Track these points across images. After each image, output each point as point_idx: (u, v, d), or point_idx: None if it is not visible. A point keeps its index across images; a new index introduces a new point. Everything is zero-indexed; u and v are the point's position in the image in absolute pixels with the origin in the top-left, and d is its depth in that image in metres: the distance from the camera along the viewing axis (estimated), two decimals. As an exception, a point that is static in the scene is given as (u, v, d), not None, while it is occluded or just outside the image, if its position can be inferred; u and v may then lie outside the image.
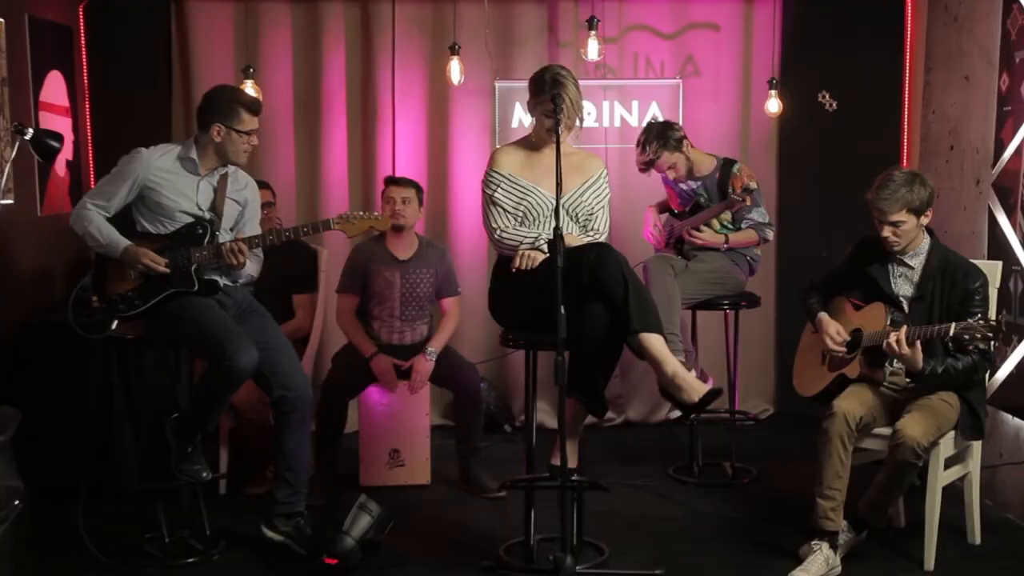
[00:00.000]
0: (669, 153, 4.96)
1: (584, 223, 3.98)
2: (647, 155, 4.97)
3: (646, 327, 3.60)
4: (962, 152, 5.03)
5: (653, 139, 4.95)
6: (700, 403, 3.54)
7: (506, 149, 4.07)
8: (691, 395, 3.55)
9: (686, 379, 3.57)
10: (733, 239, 4.97)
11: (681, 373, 3.58)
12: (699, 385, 3.57)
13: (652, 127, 5.02)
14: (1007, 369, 4.48)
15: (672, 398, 3.62)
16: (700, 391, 3.55)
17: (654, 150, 4.94)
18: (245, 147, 4.09)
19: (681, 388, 3.56)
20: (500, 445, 5.70)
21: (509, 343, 3.99)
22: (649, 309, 3.64)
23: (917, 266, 4.04)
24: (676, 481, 5.11)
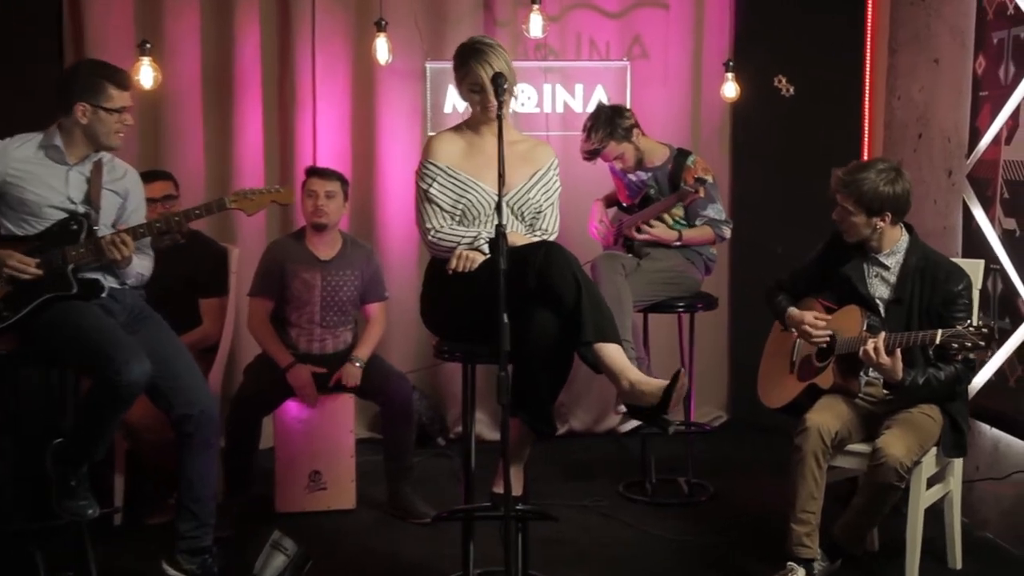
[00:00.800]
0: (616, 143, 4.53)
1: (531, 222, 3.53)
2: (592, 143, 4.54)
3: (602, 336, 3.17)
4: (931, 141, 4.66)
5: (600, 126, 4.52)
6: (664, 399, 3.10)
7: (443, 137, 3.60)
8: (654, 396, 3.12)
9: (644, 382, 3.14)
10: (687, 236, 4.56)
11: (638, 379, 3.15)
12: (659, 385, 3.13)
13: (600, 113, 4.59)
14: (985, 376, 4.12)
15: (637, 410, 3.19)
16: (659, 388, 3.11)
17: (600, 139, 4.51)
18: (117, 127, 3.58)
19: (643, 394, 3.13)
20: (433, 460, 5.24)
21: (444, 355, 3.52)
22: (604, 316, 3.21)
23: (894, 266, 3.65)
24: (627, 500, 4.68)
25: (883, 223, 3.59)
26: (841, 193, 3.60)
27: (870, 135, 5.44)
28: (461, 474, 3.62)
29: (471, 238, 3.39)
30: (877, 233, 3.62)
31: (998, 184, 4.07)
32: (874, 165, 3.58)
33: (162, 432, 3.89)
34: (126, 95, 3.59)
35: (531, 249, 3.26)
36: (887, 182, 3.53)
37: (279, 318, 4.52)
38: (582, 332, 3.16)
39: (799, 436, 3.50)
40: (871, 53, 5.35)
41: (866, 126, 5.47)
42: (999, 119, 4.07)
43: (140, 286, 3.73)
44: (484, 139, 3.52)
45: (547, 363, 3.27)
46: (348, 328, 4.61)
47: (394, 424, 4.50)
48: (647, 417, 3.20)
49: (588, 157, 4.61)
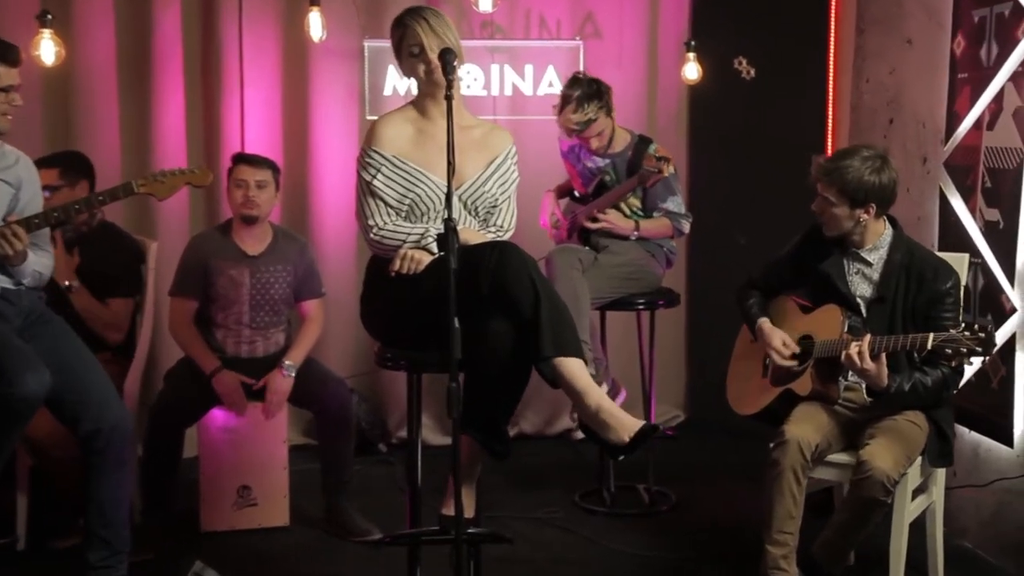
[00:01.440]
0: (605, 117, 4.20)
1: (485, 217, 3.19)
2: (585, 114, 4.16)
3: (563, 350, 2.84)
4: (904, 126, 4.39)
5: (594, 97, 4.16)
6: (632, 444, 2.78)
7: (389, 121, 3.22)
8: (620, 434, 2.79)
9: (613, 414, 2.81)
10: (644, 227, 4.24)
11: (607, 407, 2.82)
12: (629, 421, 2.81)
13: (586, 81, 4.22)
14: (965, 377, 3.83)
15: (595, 436, 2.86)
16: (631, 429, 2.79)
17: (596, 110, 4.16)
18: (4, 108, 3.20)
19: (607, 426, 2.81)
20: (374, 468, 4.89)
21: (387, 363, 3.16)
22: (566, 326, 2.88)
23: (877, 262, 3.37)
24: (584, 511, 4.36)
25: (867, 215, 3.30)
26: (822, 182, 3.31)
27: (834, 120, 5.17)
28: (406, 487, 3.26)
29: (418, 235, 3.04)
30: (860, 226, 3.33)
31: (979, 172, 3.80)
32: (858, 152, 3.29)
33: (71, 448, 3.48)
34: (14, 72, 3.21)
35: (483, 250, 2.92)
36: (872, 171, 3.25)
37: (204, 319, 4.13)
38: (540, 345, 2.83)
39: (777, 449, 3.20)
40: (836, 33, 5.07)
41: (830, 111, 5.19)
42: (980, 103, 3.80)
43: (38, 286, 3.32)
44: (434, 124, 3.17)
45: (501, 377, 2.94)
46: (281, 329, 4.23)
47: (331, 434, 4.13)
48: (606, 449, 2.87)
49: (575, 130, 4.22)
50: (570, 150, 4.40)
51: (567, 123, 4.21)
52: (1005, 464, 3.70)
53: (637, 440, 2.78)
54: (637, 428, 2.80)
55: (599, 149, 4.28)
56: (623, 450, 2.80)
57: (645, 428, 2.79)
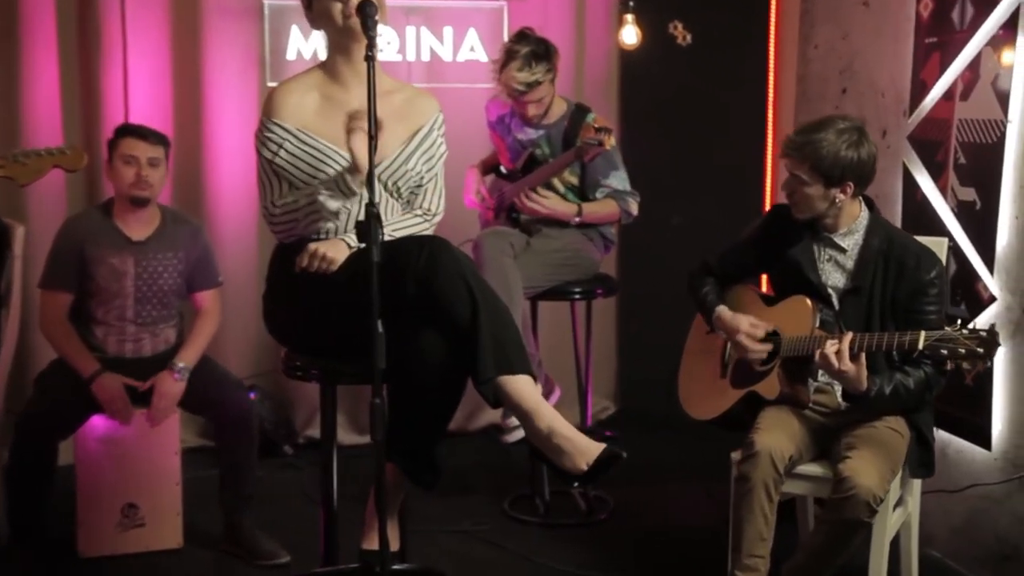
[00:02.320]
0: (550, 83, 3.77)
1: (408, 198, 2.74)
2: (533, 74, 3.70)
3: (507, 368, 2.42)
4: (860, 96, 4.04)
5: (543, 58, 3.71)
6: (591, 473, 2.38)
7: (291, 88, 2.75)
8: (577, 461, 2.39)
9: (568, 437, 2.41)
10: (588, 211, 3.82)
11: (561, 429, 2.41)
12: (587, 445, 2.41)
13: (535, 39, 3.76)
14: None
15: (548, 463, 2.44)
16: (589, 455, 2.39)
17: (543, 72, 3.70)
18: None
19: (561, 451, 2.40)
20: (280, 474, 4.41)
21: (296, 372, 2.69)
22: (510, 339, 2.47)
23: (851, 248, 3.00)
24: (515, 521, 3.95)
25: (843, 196, 2.93)
26: (792, 158, 2.93)
27: (776, 90, 4.83)
28: (319, 498, 2.81)
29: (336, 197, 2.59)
30: (835, 208, 2.96)
31: (951, 147, 3.46)
32: (832, 124, 2.91)
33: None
34: None
35: (409, 248, 2.47)
36: (850, 145, 2.87)
37: (81, 314, 3.59)
38: (480, 365, 2.41)
39: (746, 463, 2.82)
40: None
41: (771, 80, 4.84)
42: (952, 70, 3.45)
43: None
44: (346, 89, 2.71)
45: (432, 395, 2.52)
46: (171, 324, 3.72)
47: (231, 444, 3.64)
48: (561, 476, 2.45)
49: (517, 90, 3.74)
50: (499, 120, 3.95)
51: (510, 81, 3.74)
52: (980, 468, 3.39)
53: (597, 469, 2.37)
54: (596, 454, 2.39)
55: (535, 118, 3.84)
56: (580, 479, 2.40)
57: (605, 455, 2.39)
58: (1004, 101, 3.22)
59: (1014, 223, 3.21)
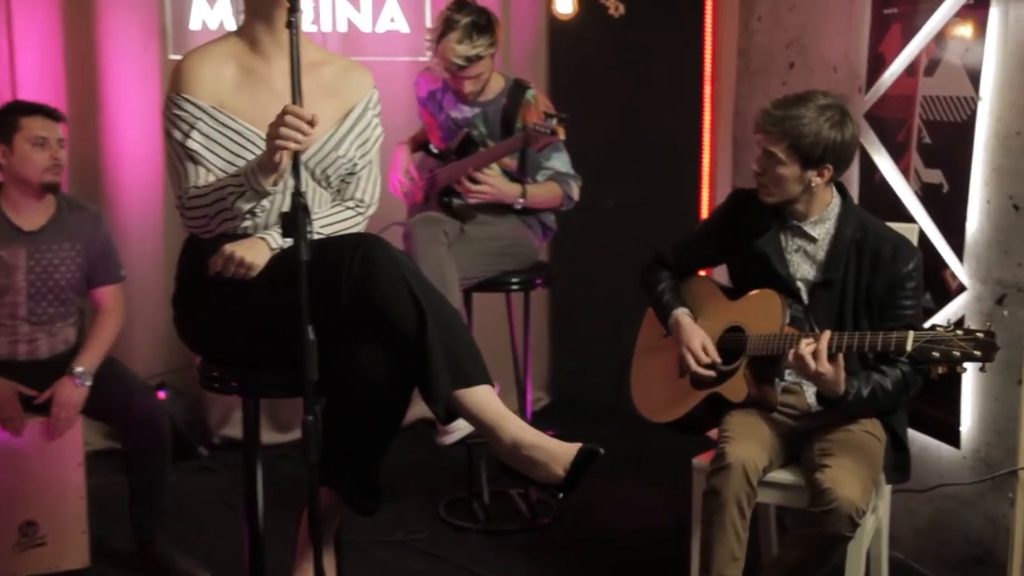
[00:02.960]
0: (490, 59, 3.45)
1: (339, 188, 2.43)
2: (474, 47, 3.39)
3: (463, 380, 2.16)
4: (810, 72, 3.82)
5: (485, 30, 3.41)
6: (571, 478, 2.14)
7: (203, 57, 2.42)
8: (553, 469, 2.15)
9: (538, 446, 2.16)
10: (532, 194, 3.54)
11: (529, 439, 2.16)
12: (560, 449, 2.17)
13: (476, 9, 3.46)
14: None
15: (521, 477, 2.19)
16: (564, 458, 2.15)
17: (485, 46, 3.40)
18: None
19: (534, 462, 2.15)
20: (194, 478, 4.08)
21: (213, 384, 2.38)
22: (463, 347, 2.21)
23: (822, 238, 2.78)
24: (453, 528, 3.69)
25: (819, 180, 2.70)
26: (769, 134, 2.69)
27: (714, 65, 4.59)
28: (243, 512, 2.50)
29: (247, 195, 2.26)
30: (808, 193, 2.73)
31: (914, 126, 3.26)
32: (812, 99, 2.68)
33: None
34: None
35: (341, 249, 2.17)
36: (833, 124, 2.65)
37: (-35, 315, 3.22)
38: (434, 381, 2.13)
39: (717, 476, 2.58)
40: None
41: (708, 54, 4.61)
42: (915, 43, 3.25)
43: None
44: (267, 61, 2.39)
45: (372, 414, 2.23)
46: (70, 323, 3.36)
47: (140, 454, 3.30)
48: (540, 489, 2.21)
49: (455, 64, 3.43)
50: (429, 96, 3.64)
51: (448, 55, 3.43)
52: (946, 466, 3.22)
53: (577, 470, 2.13)
54: (572, 456, 2.14)
55: (471, 95, 3.55)
56: (562, 487, 2.14)
57: (583, 453, 2.14)
58: (975, 77, 3.02)
59: (985, 207, 3.03)
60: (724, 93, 4.48)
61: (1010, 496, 3.01)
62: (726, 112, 4.42)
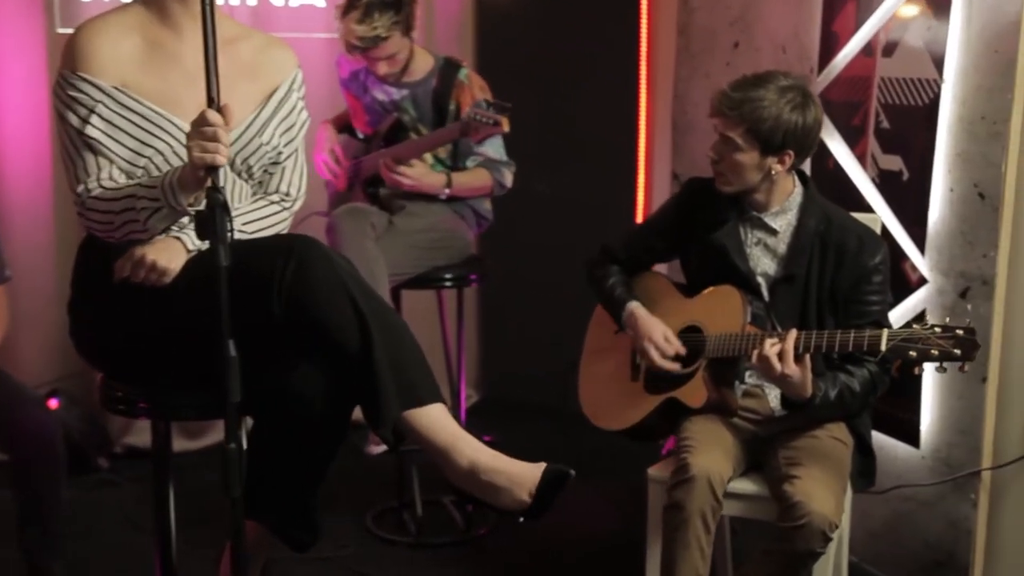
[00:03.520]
0: (401, 37, 3.17)
1: (261, 180, 2.15)
2: (373, 27, 3.12)
3: (412, 399, 1.93)
4: (756, 52, 3.63)
5: (389, 7, 3.13)
6: (539, 503, 1.95)
7: (101, 28, 2.11)
8: (516, 493, 1.94)
9: (497, 469, 1.96)
10: (458, 182, 3.29)
11: (487, 462, 1.95)
12: (523, 472, 1.97)
13: None
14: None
15: (480, 503, 1.96)
16: (529, 481, 1.95)
17: (387, 25, 3.10)
18: None
19: (494, 488, 1.94)
20: (94, 495, 3.75)
21: (117, 406, 2.08)
22: (412, 362, 1.97)
23: (784, 230, 2.58)
24: (382, 541, 3.43)
25: (780, 167, 2.51)
26: (726, 117, 2.48)
27: (650, 44, 4.38)
28: (154, 540, 2.22)
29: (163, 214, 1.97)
30: (768, 181, 2.53)
31: (871, 109, 3.09)
32: (773, 80, 2.48)
33: None
34: None
35: (270, 254, 1.90)
36: (794, 106, 2.45)
37: None
38: (381, 402, 1.88)
39: (680, 490, 2.36)
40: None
41: (643, 32, 4.39)
42: (872, 22, 3.07)
43: None
44: (179, 35, 2.09)
45: (308, 439, 1.97)
46: (-51, 328, 3.01)
47: (30, 473, 2.96)
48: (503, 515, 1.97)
49: (356, 47, 3.18)
50: (352, 77, 3.36)
51: (348, 36, 3.17)
52: (903, 466, 3.06)
53: (544, 496, 1.92)
54: (537, 478, 1.93)
55: (389, 76, 3.28)
56: (528, 514, 1.92)
57: (550, 476, 1.92)
58: (937, 58, 2.85)
59: (948, 195, 2.86)
60: (661, 74, 4.27)
61: (972, 498, 2.87)
62: (664, 94, 4.21)
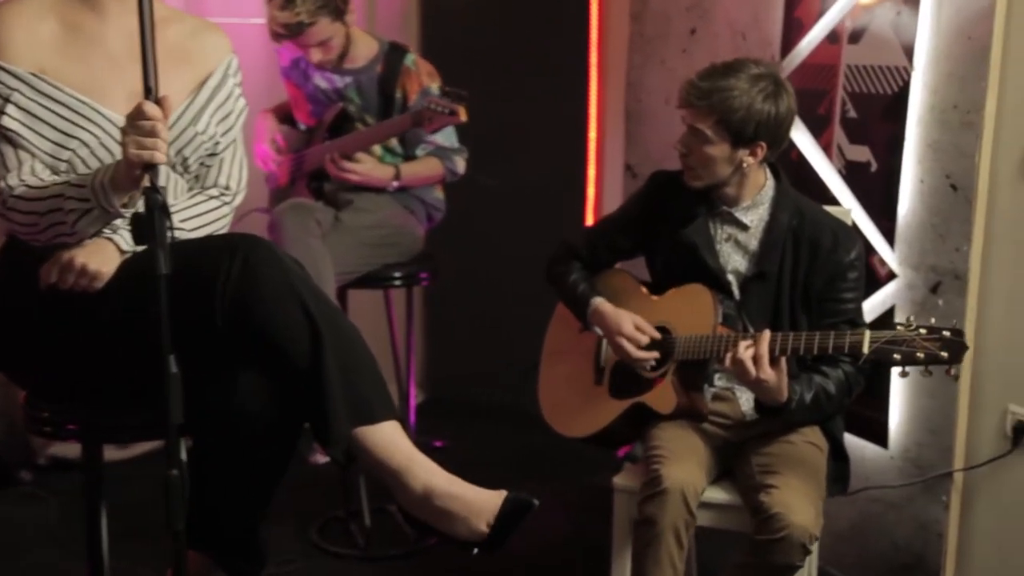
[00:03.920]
0: (330, 23, 2.98)
1: (197, 174, 1.97)
2: (296, 14, 2.94)
3: (365, 415, 1.78)
4: (714, 38, 3.51)
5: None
6: (497, 534, 1.79)
7: (14, 10, 1.94)
8: (473, 523, 1.80)
9: (454, 495, 1.81)
10: (407, 172, 3.12)
11: (443, 487, 1.79)
12: (481, 499, 1.81)
13: None
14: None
15: (432, 532, 1.81)
16: (487, 510, 1.80)
17: (310, 11, 2.92)
18: None
19: (449, 515, 1.79)
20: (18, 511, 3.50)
21: (43, 428, 1.90)
22: (366, 374, 1.82)
23: (755, 225, 2.46)
24: (328, 554, 3.24)
25: (751, 159, 2.38)
26: (696, 108, 2.35)
27: (600, 29, 4.23)
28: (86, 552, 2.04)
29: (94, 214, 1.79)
30: (739, 175, 2.40)
31: (837, 98, 2.98)
32: (744, 68, 2.35)
33: None
34: None
35: (215, 254, 1.73)
36: (767, 96, 2.32)
37: None
38: (332, 418, 1.73)
39: (652, 504, 2.23)
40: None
41: (594, 17, 4.25)
42: (837, 7, 2.96)
43: None
44: (102, 16, 1.91)
45: (253, 460, 1.81)
46: None
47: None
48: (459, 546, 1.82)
49: (280, 34, 3.01)
50: (293, 65, 3.18)
51: (271, 23, 3.01)
52: (871, 467, 2.97)
53: (504, 525, 1.77)
54: (496, 507, 1.78)
55: (324, 64, 3.10)
56: (484, 545, 1.77)
57: (511, 506, 1.77)
58: (907, 45, 2.75)
59: (919, 187, 2.77)
60: (613, 61, 4.13)
61: (944, 500, 2.78)
62: (616, 82, 4.07)
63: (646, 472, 2.29)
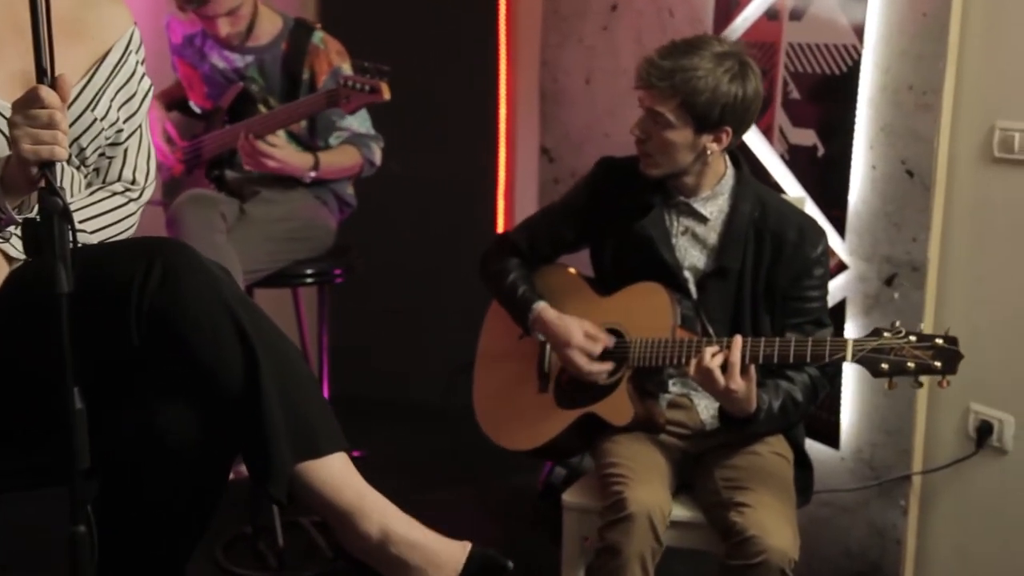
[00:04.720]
0: None
1: (97, 166, 1.68)
2: None
3: (309, 449, 1.53)
4: (637, 16, 3.31)
5: None
6: None
7: None
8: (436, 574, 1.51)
9: (414, 543, 1.58)
10: (327, 163, 2.83)
11: (400, 532, 1.58)
12: (445, 550, 1.59)
13: None
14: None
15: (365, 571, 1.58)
16: (452, 564, 1.56)
17: None
18: None
19: (406, 566, 1.54)
20: None
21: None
22: (309, 402, 1.56)
23: (715, 217, 2.27)
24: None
25: (716, 146, 2.19)
26: (656, 90, 2.14)
27: (509, 8, 3.99)
28: None
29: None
30: (700, 163, 2.20)
31: (778, 78, 2.81)
32: (707, 46, 2.15)
33: None
34: None
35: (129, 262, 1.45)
36: (732, 76, 2.13)
37: None
38: (272, 451, 1.48)
39: (615, 530, 2.02)
40: None
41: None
42: (779, -19, 2.79)
43: None
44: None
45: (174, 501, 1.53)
46: None
47: None
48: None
49: (189, 4, 2.72)
50: (187, 43, 2.87)
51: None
52: (824, 470, 2.80)
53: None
54: (460, 563, 1.54)
55: (231, 38, 2.80)
56: None
57: (478, 562, 1.55)
58: (857, 22, 2.59)
59: (870, 173, 2.62)
60: (525, 41, 3.89)
61: (902, 504, 2.66)
62: (529, 61, 3.84)
63: (605, 494, 2.08)
